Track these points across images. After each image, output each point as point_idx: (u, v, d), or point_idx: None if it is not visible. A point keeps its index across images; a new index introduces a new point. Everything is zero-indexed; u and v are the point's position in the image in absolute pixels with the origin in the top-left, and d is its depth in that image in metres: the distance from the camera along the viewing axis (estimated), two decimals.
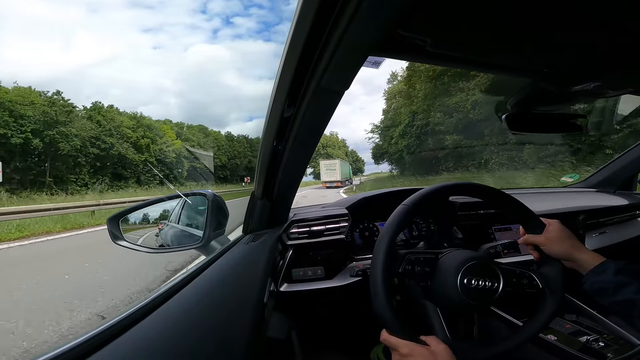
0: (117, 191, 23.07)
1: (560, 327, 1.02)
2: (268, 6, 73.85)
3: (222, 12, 69.59)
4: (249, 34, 71.30)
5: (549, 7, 0.55)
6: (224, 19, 69.50)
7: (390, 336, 0.68)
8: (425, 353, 0.64)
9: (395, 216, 0.78)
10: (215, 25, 68.29)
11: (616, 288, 0.72)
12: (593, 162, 8.15)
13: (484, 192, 0.86)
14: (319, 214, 1.27)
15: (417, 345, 0.66)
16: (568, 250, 0.80)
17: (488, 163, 15.05)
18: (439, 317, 0.74)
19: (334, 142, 67.67)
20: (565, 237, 0.81)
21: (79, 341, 0.46)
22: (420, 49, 0.63)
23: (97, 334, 0.48)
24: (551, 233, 0.81)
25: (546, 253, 0.82)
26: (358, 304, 1.18)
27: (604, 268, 0.75)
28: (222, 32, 68.51)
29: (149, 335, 0.53)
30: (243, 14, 70.07)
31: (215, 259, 0.88)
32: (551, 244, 0.80)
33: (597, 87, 0.86)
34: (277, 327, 0.94)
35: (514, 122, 1.03)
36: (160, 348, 0.50)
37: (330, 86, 0.64)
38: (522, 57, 0.76)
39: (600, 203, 1.60)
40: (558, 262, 0.81)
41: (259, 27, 72.34)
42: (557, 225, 0.83)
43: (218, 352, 0.55)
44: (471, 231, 1.35)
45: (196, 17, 65.44)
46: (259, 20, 73.17)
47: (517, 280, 0.77)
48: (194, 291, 0.70)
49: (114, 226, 1.11)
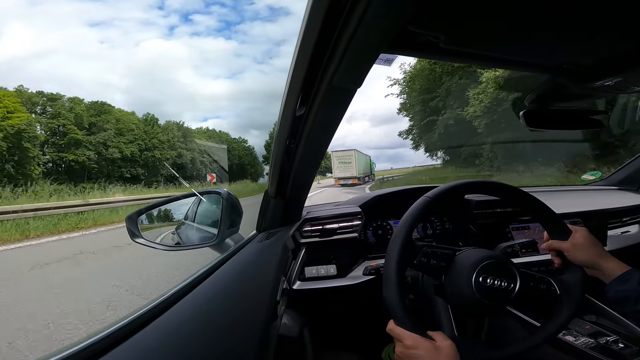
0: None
1: (580, 327, 0.99)
2: (230, 5, 72.34)
3: (181, 8, 68.12)
4: (208, 31, 69.97)
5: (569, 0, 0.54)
6: (182, 15, 67.71)
7: (396, 327, 0.68)
8: (429, 347, 0.64)
9: (416, 207, 0.77)
10: (172, 21, 66.80)
11: (639, 297, 0.70)
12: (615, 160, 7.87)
13: (506, 191, 0.85)
14: (332, 212, 1.27)
15: (422, 338, 0.65)
16: (594, 258, 0.78)
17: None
18: (449, 314, 0.74)
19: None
20: (592, 244, 0.80)
21: (93, 340, 0.48)
22: (433, 46, 0.63)
23: (113, 332, 0.50)
24: (578, 240, 0.80)
25: (570, 260, 0.80)
26: (370, 302, 1.18)
27: (628, 277, 0.73)
28: (180, 29, 67.06)
29: (163, 334, 0.54)
30: (203, 12, 68.80)
31: (230, 257, 0.90)
32: (576, 251, 0.79)
33: (618, 83, 0.83)
34: (289, 324, 0.95)
35: (532, 119, 1.01)
36: (175, 345, 0.51)
37: (342, 84, 0.64)
38: (541, 52, 0.74)
39: (623, 202, 1.55)
40: (580, 269, 0.79)
41: (219, 25, 70.95)
42: (584, 232, 0.81)
43: (231, 349, 0.56)
44: (487, 230, 1.32)
45: (152, 13, 63.35)
46: (220, 18, 71.93)
47: (534, 285, 0.76)
48: (209, 289, 0.71)
49: (132, 224, 1.14)
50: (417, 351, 0.64)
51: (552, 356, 0.92)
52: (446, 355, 0.63)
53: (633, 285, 0.72)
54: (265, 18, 77.98)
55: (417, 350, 0.64)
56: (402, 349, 0.66)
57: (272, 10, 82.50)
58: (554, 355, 0.92)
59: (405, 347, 0.65)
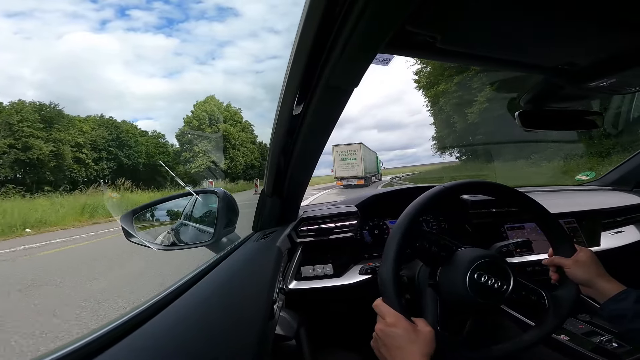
0: None
1: (574, 327, 1.00)
2: (175, 2, 68.25)
3: (118, 3, 63.92)
4: (146, 27, 65.65)
5: (565, 1, 0.54)
6: (118, 10, 62.87)
7: (383, 304, 0.68)
8: (409, 328, 0.64)
9: (431, 192, 0.78)
10: (105, 15, 61.23)
11: (635, 315, 0.70)
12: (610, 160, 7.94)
13: (517, 198, 0.86)
14: (329, 212, 1.27)
15: (404, 319, 0.65)
16: (593, 276, 0.79)
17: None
18: (435, 305, 0.74)
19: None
20: (594, 263, 0.80)
21: (88, 339, 0.47)
22: (430, 46, 0.63)
23: (106, 332, 0.49)
24: (581, 258, 0.80)
25: (568, 276, 0.81)
26: (367, 302, 1.18)
27: (624, 296, 0.74)
28: (113, 24, 61.50)
29: (159, 333, 0.53)
30: (143, 7, 64.77)
31: (226, 257, 0.89)
32: (577, 268, 0.80)
33: (613, 84, 0.84)
34: (286, 324, 0.95)
35: (528, 120, 1.02)
36: (170, 346, 0.51)
37: (339, 84, 0.64)
38: (537, 53, 0.75)
39: (617, 202, 1.56)
40: (575, 286, 0.80)
41: (160, 22, 67.05)
42: (588, 252, 0.82)
43: (228, 349, 0.55)
44: (483, 229, 1.33)
45: (81, 6, 59.61)
46: (162, 15, 67.78)
47: (526, 294, 0.77)
48: (205, 288, 0.71)
49: (127, 223, 1.13)
50: (396, 329, 0.64)
51: (547, 356, 0.93)
52: (424, 340, 0.63)
53: (629, 304, 0.72)
54: (212, 17, 72.95)
55: (396, 329, 0.64)
56: (382, 326, 0.66)
57: (221, 10, 77.58)
58: (550, 355, 0.93)
59: (385, 325, 0.66)
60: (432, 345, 0.63)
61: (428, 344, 0.63)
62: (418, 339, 0.63)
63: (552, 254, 0.86)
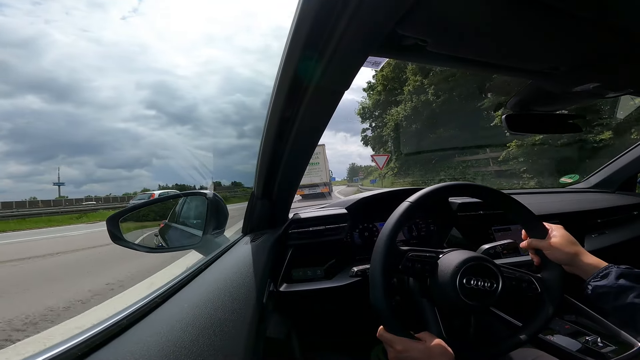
0: None
1: (560, 327, 1.02)
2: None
3: None
4: None
5: (551, 7, 0.55)
6: None
7: (386, 332, 0.69)
8: (420, 348, 0.65)
9: (398, 212, 0.78)
10: None
11: (618, 293, 0.71)
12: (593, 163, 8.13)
13: (487, 193, 0.87)
14: (319, 214, 1.27)
15: (411, 341, 0.66)
16: (572, 255, 0.80)
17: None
18: (435, 314, 0.75)
19: None
20: (569, 242, 0.81)
21: (77, 341, 0.46)
22: (420, 49, 0.63)
23: (94, 335, 0.48)
24: (555, 238, 0.81)
25: (548, 258, 0.82)
26: (358, 304, 1.18)
27: (606, 273, 0.75)
28: None
29: (147, 336, 0.52)
30: None
31: (215, 259, 0.88)
32: (555, 249, 0.80)
33: (597, 88, 0.86)
34: (276, 327, 0.94)
35: (514, 123, 1.03)
36: (159, 349, 0.50)
37: (330, 86, 0.64)
38: (524, 57, 0.76)
39: (600, 203, 1.60)
40: (559, 266, 0.81)
41: None
42: (561, 230, 0.83)
43: (217, 352, 0.55)
44: (471, 232, 1.34)
45: None
46: None
47: (516, 284, 0.78)
48: (193, 292, 0.70)
49: (113, 226, 1.10)
50: (409, 354, 0.65)
51: (535, 356, 0.94)
52: (439, 353, 0.64)
53: (611, 281, 0.73)
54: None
55: (410, 354, 0.65)
56: (394, 354, 0.68)
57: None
58: (537, 355, 0.94)
59: (397, 352, 0.67)
60: (449, 354, 0.64)
61: (445, 354, 0.64)
62: (433, 353, 0.64)
63: (527, 236, 0.87)
